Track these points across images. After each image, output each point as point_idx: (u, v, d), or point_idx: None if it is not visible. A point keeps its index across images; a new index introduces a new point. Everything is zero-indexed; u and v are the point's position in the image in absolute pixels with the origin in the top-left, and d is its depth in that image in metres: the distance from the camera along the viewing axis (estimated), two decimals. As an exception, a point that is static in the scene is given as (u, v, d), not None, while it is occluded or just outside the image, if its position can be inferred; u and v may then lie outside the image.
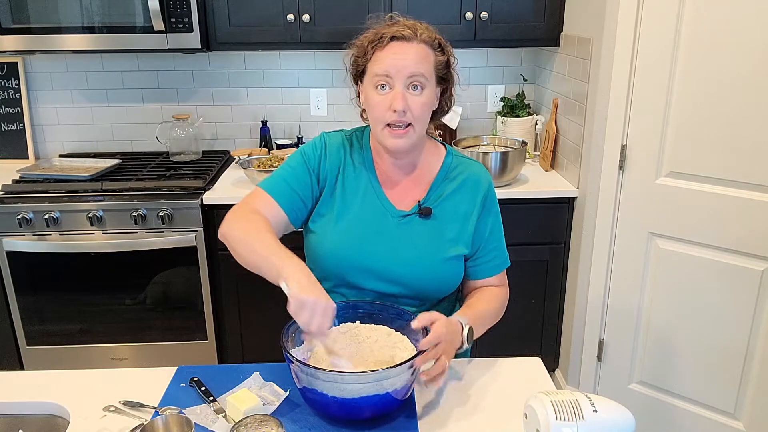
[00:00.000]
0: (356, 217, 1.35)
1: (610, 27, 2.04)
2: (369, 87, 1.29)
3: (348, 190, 1.37)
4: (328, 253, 1.34)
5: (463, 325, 1.20)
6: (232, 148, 2.90)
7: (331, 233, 1.35)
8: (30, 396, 1.22)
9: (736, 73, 1.82)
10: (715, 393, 2.08)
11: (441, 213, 1.36)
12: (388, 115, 1.25)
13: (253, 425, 1.02)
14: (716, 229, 1.97)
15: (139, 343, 2.45)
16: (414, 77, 1.24)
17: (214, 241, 2.35)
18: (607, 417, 0.94)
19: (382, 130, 1.28)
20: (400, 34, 1.25)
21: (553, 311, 2.54)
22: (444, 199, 1.36)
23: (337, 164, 1.38)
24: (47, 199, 2.29)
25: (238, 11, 2.40)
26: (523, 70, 2.85)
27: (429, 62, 1.27)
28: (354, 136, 1.42)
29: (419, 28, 1.27)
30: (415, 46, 1.25)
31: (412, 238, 1.34)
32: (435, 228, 1.35)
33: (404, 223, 1.35)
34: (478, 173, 1.40)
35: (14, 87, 2.75)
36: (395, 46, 1.25)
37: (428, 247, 1.33)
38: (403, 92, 1.24)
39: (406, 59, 1.24)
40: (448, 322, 1.15)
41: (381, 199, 1.36)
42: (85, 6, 2.29)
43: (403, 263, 1.33)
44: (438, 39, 1.30)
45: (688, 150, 1.97)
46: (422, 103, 1.26)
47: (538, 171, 2.59)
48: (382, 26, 1.29)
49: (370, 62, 1.28)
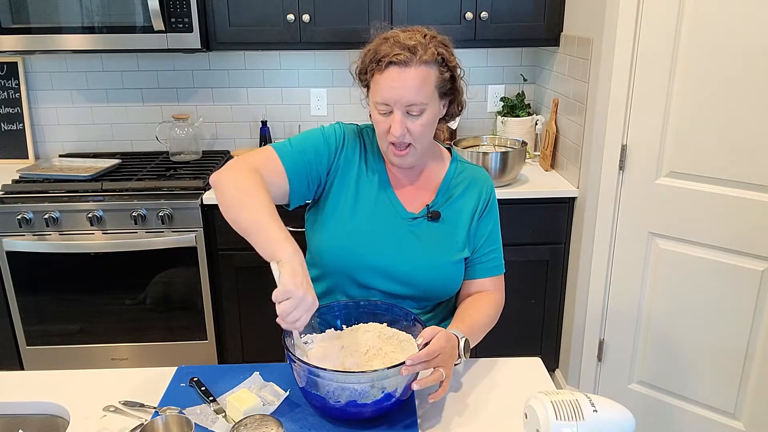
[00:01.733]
0: (368, 216, 1.35)
1: (610, 27, 2.04)
2: (372, 104, 1.30)
3: (361, 188, 1.37)
4: (338, 249, 1.33)
5: (459, 339, 1.18)
6: (232, 148, 2.90)
7: (343, 230, 1.34)
8: (30, 396, 1.22)
9: (736, 73, 1.82)
10: (715, 393, 2.08)
11: (449, 216, 1.37)
12: (390, 137, 1.28)
13: (253, 425, 1.02)
14: (716, 229, 1.97)
15: (139, 343, 2.45)
16: (412, 106, 1.24)
17: (214, 241, 2.35)
18: (607, 417, 0.94)
19: (387, 148, 1.31)
20: (397, 60, 1.21)
21: (553, 311, 2.54)
22: (452, 202, 1.38)
23: (352, 158, 1.37)
24: (47, 199, 2.29)
25: (238, 11, 2.40)
26: (523, 70, 2.85)
27: (429, 84, 1.24)
28: (367, 135, 1.41)
29: (419, 50, 1.22)
30: (413, 71, 1.22)
31: (422, 240, 1.35)
32: (444, 231, 1.36)
33: (414, 225, 1.35)
34: (482, 177, 1.43)
35: (14, 87, 2.75)
36: (393, 73, 1.22)
37: (437, 250, 1.34)
38: (401, 119, 1.25)
39: (403, 89, 1.22)
40: (447, 335, 1.14)
41: (392, 200, 1.37)
42: (85, 6, 2.29)
43: (413, 264, 1.33)
44: (441, 54, 1.25)
45: (688, 150, 1.97)
46: (422, 125, 1.27)
47: (538, 171, 2.59)
48: (382, 42, 1.25)
49: (372, 81, 1.28)
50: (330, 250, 1.34)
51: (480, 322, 1.30)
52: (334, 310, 1.27)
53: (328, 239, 1.34)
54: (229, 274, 2.40)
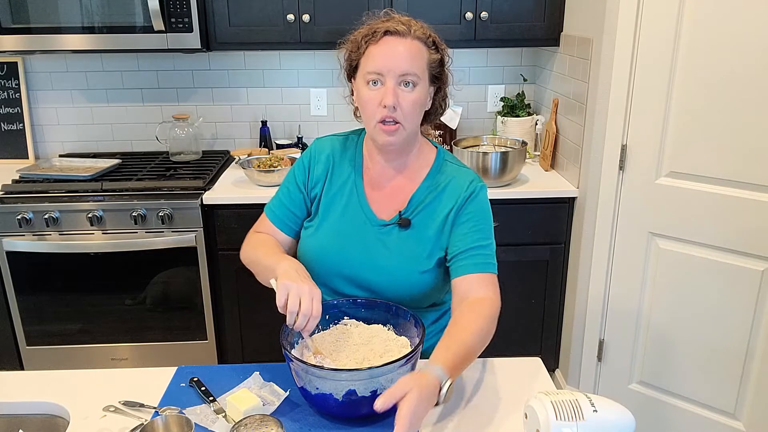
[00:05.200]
0: (337, 223, 1.36)
1: (610, 27, 2.04)
2: (361, 83, 1.29)
3: (333, 194, 1.38)
4: (311, 257, 1.37)
5: (442, 383, 1.04)
6: (232, 148, 2.90)
7: (313, 238, 1.38)
8: (30, 396, 1.22)
9: (736, 73, 1.82)
10: (715, 393, 2.08)
11: (421, 223, 1.33)
12: (379, 111, 1.25)
13: (253, 425, 1.02)
14: (716, 229, 1.97)
15: (139, 343, 2.45)
16: (406, 75, 1.24)
17: (214, 241, 2.35)
18: (607, 417, 0.94)
19: (374, 127, 1.28)
20: (393, 29, 1.25)
21: (553, 311, 2.54)
22: (424, 208, 1.34)
23: (324, 169, 1.40)
24: (47, 199, 2.29)
25: (238, 11, 2.40)
26: (523, 70, 2.85)
27: (422, 59, 1.27)
28: (350, 138, 1.43)
29: (413, 25, 1.28)
30: (409, 42, 1.26)
31: (390, 248, 1.33)
32: (413, 239, 1.33)
33: (383, 233, 1.34)
34: (463, 178, 1.34)
35: (14, 87, 2.75)
36: (389, 41, 1.25)
37: (404, 259, 1.32)
38: (394, 88, 1.24)
39: (398, 56, 1.24)
40: (419, 392, 0.99)
41: (363, 207, 1.36)
42: (85, 6, 2.29)
43: (379, 273, 1.33)
44: (432, 36, 1.30)
45: (688, 150, 1.97)
46: (413, 100, 1.26)
47: (538, 171, 2.59)
48: (377, 21, 1.29)
49: (363, 57, 1.28)
50: (303, 258, 1.38)
51: (469, 344, 1.14)
52: (339, 307, 1.30)
53: (302, 248, 1.40)
54: (229, 274, 2.40)
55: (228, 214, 2.32)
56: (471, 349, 1.15)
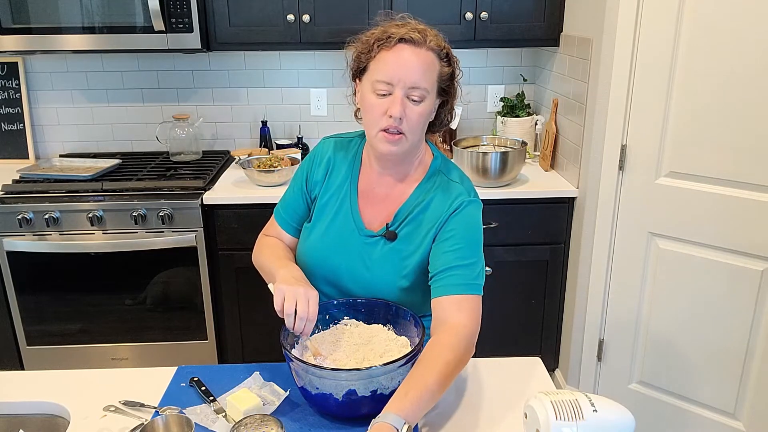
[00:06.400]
0: (327, 229, 1.36)
1: (610, 27, 2.04)
2: (367, 88, 1.25)
3: (328, 198, 1.37)
4: (303, 261, 1.39)
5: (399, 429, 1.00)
6: (232, 148, 2.90)
7: (306, 241, 1.39)
8: (30, 396, 1.23)
9: (736, 72, 1.82)
10: (715, 393, 2.08)
11: (406, 238, 1.30)
12: (384, 120, 1.22)
13: (253, 425, 1.02)
14: (716, 229, 1.97)
15: (139, 343, 2.45)
16: (415, 89, 1.21)
17: (214, 241, 2.35)
18: (607, 417, 0.94)
19: (376, 134, 1.24)
20: (409, 37, 1.20)
21: (553, 311, 2.54)
22: (409, 222, 1.30)
23: (324, 171, 1.39)
24: (47, 199, 2.29)
25: (238, 11, 2.40)
26: (523, 70, 2.85)
27: (433, 72, 1.23)
28: (354, 141, 1.41)
29: (429, 34, 1.23)
30: (423, 52, 1.21)
31: (373, 261, 1.31)
32: (397, 253, 1.30)
33: (369, 244, 1.32)
34: (449, 194, 1.30)
35: (14, 87, 2.75)
36: (402, 49, 1.21)
37: (385, 274, 1.31)
38: (402, 99, 1.20)
39: (410, 67, 1.20)
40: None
41: (354, 215, 1.34)
42: (85, 6, 2.29)
43: (360, 285, 1.33)
44: (446, 49, 1.26)
45: (688, 150, 1.97)
46: (419, 113, 1.23)
47: (538, 171, 2.59)
48: (391, 25, 1.25)
49: (374, 60, 1.23)
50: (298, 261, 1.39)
51: (429, 386, 1.07)
52: (338, 307, 1.30)
53: (298, 250, 1.42)
54: (229, 274, 2.40)
55: (228, 214, 2.32)
56: (432, 391, 1.07)
